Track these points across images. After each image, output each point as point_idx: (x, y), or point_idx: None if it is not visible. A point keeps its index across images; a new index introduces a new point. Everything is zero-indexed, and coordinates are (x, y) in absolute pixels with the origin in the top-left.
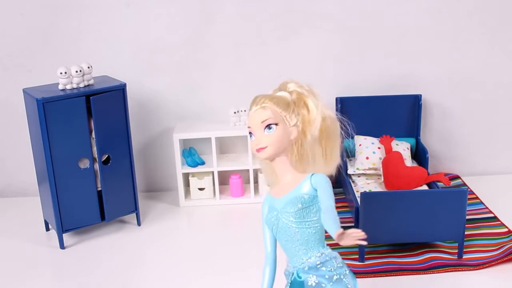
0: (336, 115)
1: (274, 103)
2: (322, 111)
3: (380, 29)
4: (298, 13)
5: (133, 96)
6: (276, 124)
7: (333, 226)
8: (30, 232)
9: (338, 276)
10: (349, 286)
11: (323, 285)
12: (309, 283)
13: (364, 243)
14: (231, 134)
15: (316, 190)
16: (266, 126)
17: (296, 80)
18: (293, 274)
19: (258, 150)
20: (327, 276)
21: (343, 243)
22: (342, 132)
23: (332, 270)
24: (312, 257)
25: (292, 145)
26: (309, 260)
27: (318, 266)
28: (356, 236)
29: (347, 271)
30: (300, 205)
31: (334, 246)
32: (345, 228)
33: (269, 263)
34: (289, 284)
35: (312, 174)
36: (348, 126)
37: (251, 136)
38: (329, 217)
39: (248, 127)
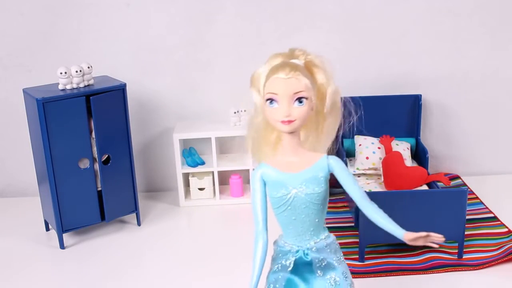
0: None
1: (304, 75)
2: (334, 84)
3: (380, 29)
4: (298, 13)
5: (133, 96)
6: (306, 98)
7: (390, 223)
8: (30, 232)
9: (340, 257)
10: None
11: (332, 266)
12: (318, 264)
13: (436, 245)
14: (231, 134)
15: (329, 173)
16: (298, 99)
17: (303, 48)
18: (297, 252)
19: (287, 122)
20: (334, 258)
21: (414, 243)
22: (344, 111)
23: (336, 252)
24: (319, 239)
25: None
26: (317, 241)
27: (325, 248)
28: (435, 240)
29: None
30: (323, 186)
31: None
32: (344, 228)
33: (261, 237)
34: (291, 262)
35: (327, 155)
36: (349, 106)
37: (271, 102)
38: (377, 210)
39: (273, 93)
